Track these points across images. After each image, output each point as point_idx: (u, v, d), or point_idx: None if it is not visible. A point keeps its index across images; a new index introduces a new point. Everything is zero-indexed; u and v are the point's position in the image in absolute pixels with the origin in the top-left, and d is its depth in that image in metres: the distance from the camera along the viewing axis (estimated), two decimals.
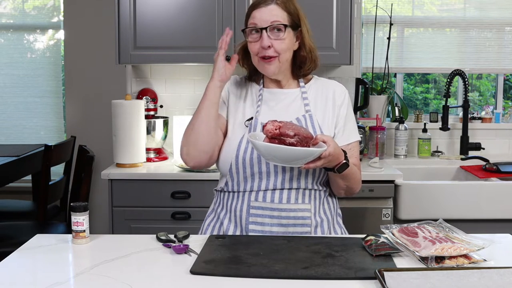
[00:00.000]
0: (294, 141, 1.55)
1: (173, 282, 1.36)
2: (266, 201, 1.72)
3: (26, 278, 1.40)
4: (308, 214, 1.73)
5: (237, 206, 1.76)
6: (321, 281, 1.34)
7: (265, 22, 1.73)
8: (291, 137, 1.55)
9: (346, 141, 1.81)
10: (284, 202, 1.72)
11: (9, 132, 4.11)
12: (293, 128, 1.56)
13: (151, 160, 3.08)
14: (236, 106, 1.84)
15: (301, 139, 1.56)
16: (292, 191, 1.73)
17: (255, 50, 1.76)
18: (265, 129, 1.56)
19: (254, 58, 1.79)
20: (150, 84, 3.39)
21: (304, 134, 1.57)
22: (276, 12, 1.74)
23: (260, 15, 1.74)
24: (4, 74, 4.06)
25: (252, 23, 1.75)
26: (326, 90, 1.85)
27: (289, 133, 1.55)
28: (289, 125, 1.57)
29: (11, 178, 3.36)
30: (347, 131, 1.83)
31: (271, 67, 1.75)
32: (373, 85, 3.44)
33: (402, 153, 3.32)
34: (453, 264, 1.42)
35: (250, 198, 1.74)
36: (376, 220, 2.73)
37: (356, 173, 1.80)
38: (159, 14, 2.97)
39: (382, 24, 3.48)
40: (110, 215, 2.80)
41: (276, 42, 1.73)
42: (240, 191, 1.76)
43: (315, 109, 1.81)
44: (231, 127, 1.81)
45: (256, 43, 1.75)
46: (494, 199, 2.76)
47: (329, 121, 1.81)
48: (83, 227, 1.62)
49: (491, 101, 3.71)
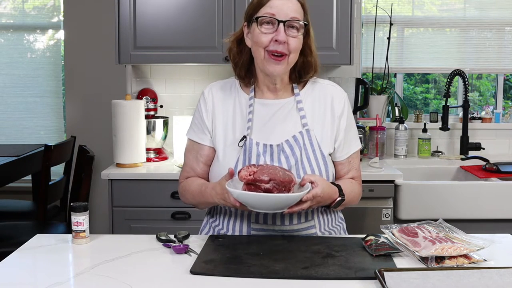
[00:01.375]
0: (269, 186, 1.45)
1: (173, 282, 1.36)
2: (268, 223, 1.64)
3: (26, 278, 1.40)
4: (313, 230, 1.68)
5: (235, 226, 1.68)
6: (321, 281, 1.34)
7: (285, 15, 1.57)
8: (265, 183, 1.45)
9: (346, 155, 1.72)
10: (287, 224, 1.65)
11: (9, 132, 4.11)
12: (269, 172, 1.46)
13: (151, 160, 3.08)
14: (225, 124, 1.68)
15: (278, 184, 1.45)
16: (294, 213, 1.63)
17: (265, 42, 1.58)
18: (239, 175, 1.47)
19: (259, 52, 1.60)
20: (150, 84, 3.40)
21: (281, 178, 1.46)
22: (297, 8, 1.59)
23: (281, 5, 1.57)
24: (4, 74, 4.06)
25: (269, 13, 1.57)
26: (324, 98, 1.70)
27: (264, 178, 1.45)
28: (265, 169, 1.47)
29: (11, 178, 3.36)
30: (348, 143, 1.71)
31: (281, 67, 1.60)
32: (373, 85, 3.44)
33: (402, 153, 3.32)
34: (453, 264, 1.42)
35: (250, 220, 1.65)
36: (376, 220, 2.73)
37: (356, 189, 1.72)
38: (159, 14, 2.97)
39: (382, 24, 3.48)
40: (110, 215, 2.80)
41: (292, 40, 1.58)
42: (239, 212, 1.67)
43: (313, 123, 1.67)
44: (221, 149, 1.67)
45: (267, 35, 1.58)
46: (494, 199, 2.76)
47: (328, 136, 1.68)
48: (83, 227, 1.62)
49: (491, 101, 3.71)
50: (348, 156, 1.73)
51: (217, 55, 2.98)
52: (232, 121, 1.69)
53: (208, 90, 1.75)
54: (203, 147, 1.72)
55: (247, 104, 1.69)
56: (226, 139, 1.68)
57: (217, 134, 1.69)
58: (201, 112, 1.73)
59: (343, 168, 1.74)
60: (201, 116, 1.72)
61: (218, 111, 1.71)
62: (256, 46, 1.61)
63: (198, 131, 1.73)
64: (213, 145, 1.71)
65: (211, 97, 1.73)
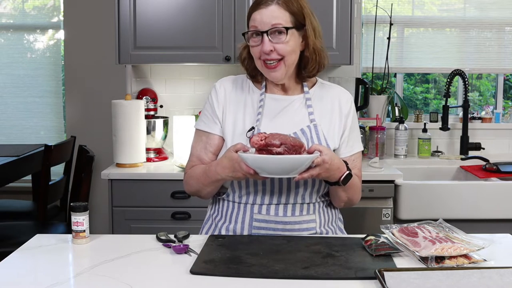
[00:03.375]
0: (281, 150, 1.50)
1: (173, 282, 1.36)
2: (270, 214, 1.67)
3: (26, 278, 1.40)
4: (313, 224, 1.70)
5: (238, 216, 1.71)
6: (321, 281, 1.34)
7: (266, 25, 1.62)
8: (277, 146, 1.50)
9: (350, 152, 1.76)
10: (289, 215, 1.67)
11: (9, 132, 4.10)
12: (280, 137, 1.52)
13: (151, 160, 3.08)
14: (235, 115, 1.73)
15: (288, 148, 1.51)
16: (297, 205, 1.68)
17: (257, 54, 1.66)
18: (251, 141, 1.52)
19: (257, 62, 1.69)
20: (150, 84, 3.40)
21: (292, 142, 1.52)
22: (277, 14, 1.62)
23: (260, 17, 1.63)
24: (4, 74, 4.06)
25: (252, 26, 1.65)
26: (332, 98, 1.76)
27: (275, 143, 1.50)
28: (275, 135, 1.52)
29: (11, 178, 3.36)
30: (351, 141, 1.76)
31: (278, 72, 1.66)
32: (373, 85, 3.44)
33: (402, 153, 3.32)
34: (453, 264, 1.42)
35: (253, 210, 1.68)
36: (376, 220, 2.73)
37: (357, 183, 1.76)
38: (159, 14, 2.97)
39: (382, 24, 3.48)
40: (110, 215, 2.80)
41: (279, 46, 1.63)
42: (242, 202, 1.71)
43: (320, 119, 1.72)
44: (230, 138, 1.71)
45: (257, 47, 1.65)
46: (494, 199, 2.76)
47: (335, 132, 1.73)
48: (83, 227, 1.62)
49: (491, 101, 3.71)
50: (351, 154, 1.76)
51: (217, 55, 2.98)
52: (242, 112, 1.73)
53: (219, 84, 1.80)
54: (213, 136, 1.75)
55: (258, 98, 1.75)
56: (235, 129, 1.72)
57: (226, 124, 1.73)
58: (212, 103, 1.77)
59: None
60: (212, 107, 1.76)
61: (229, 102, 1.75)
62: (254, 57, 1.69)
63: (208, 122, 1.76)
64: (222, 134, 1.74)
65: (223, 89, 1.78)
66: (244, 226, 1.69)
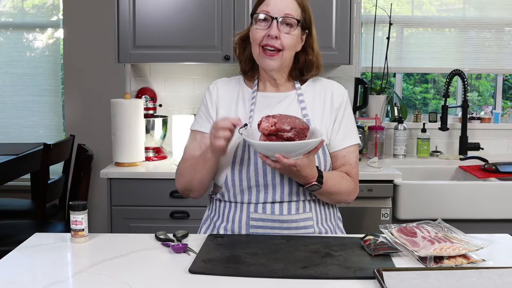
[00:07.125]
0: (291, 135, 1.50)
1: (172, 281, 1.36)
2: (266, 212, 1.67)
3: (25, 277, 1.40)
4: (310, 222, 1.70)
5: (235, 216, 1.71)
6: (320, 281, 1.34)
7: (279, 12, 1.64)
8: (288, 132, 1.50)
9: (340, 146, 1.74)
10: (285, 214, 1.67)
11: (8, 130, 4.10)
12: (289, 121, 1.51)
13: (150, 159, 3.08)
14: (228, 112, 1.75)
15: (298, 132, 1.51)
16: (292, 203, 1.68)
17: (259, 38, 1.66)
18: (261, 127, 1.52)
19: (255, 48, 1.68)
20: (149, 83, 3.39)
21: (300, 126, 1.52)
22: (292, 5, 1.66)
23: (275, 2, 1.65)
24: (3, 72, 4.06)
25: (264, 10, 1.66)
26: (324, 92, 1.77)
27: (286, 128, 1.50)
28: (283, 118, 1.52)
29: (10, 177, 3.35)
30: (342, 134, 1.74)
31: (274, 62, 1.67)
32: (372, 85, 3.44)
33: (401, 153, 3.33)
34: (452, 264, 1.42)
35: (249, 209, 1.69)
36: (375, 220, 2.73)
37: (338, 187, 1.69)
38: (158, 13, 2.97)
39: (381, 24, 3.48)
40: (109, 214, 2.80)
41: (285, 36, 1.65)
42: (238, 202, 1.71)
43: (313, 114, 1.73)
44: None
45: (262, 31, 1.65)
46: (493, 199, 2.77)
47: (327, 126, 1.73)
48: (82, 226, 1.62)
49: (490, 101, 3.71)
50: (342, 148, 1.74)
51: (216, 54, 2.98)
52: (235, 110, 1.76)
53: (213, 85, 1.83)
54: (207, 135, 1.74)
55: (250, 96, 1.77)
56: None
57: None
58: (206, 103, 1.80)
59: (337, 161, 1.75)
60: (206, 107, 1.79)
61: (222, 102, 1.78)
62: (253, 42, 1.69)
63: (202, 122, 1.78)
64: None
65: (216, 90, 1.80)
66: (241, 225, 1.69)
